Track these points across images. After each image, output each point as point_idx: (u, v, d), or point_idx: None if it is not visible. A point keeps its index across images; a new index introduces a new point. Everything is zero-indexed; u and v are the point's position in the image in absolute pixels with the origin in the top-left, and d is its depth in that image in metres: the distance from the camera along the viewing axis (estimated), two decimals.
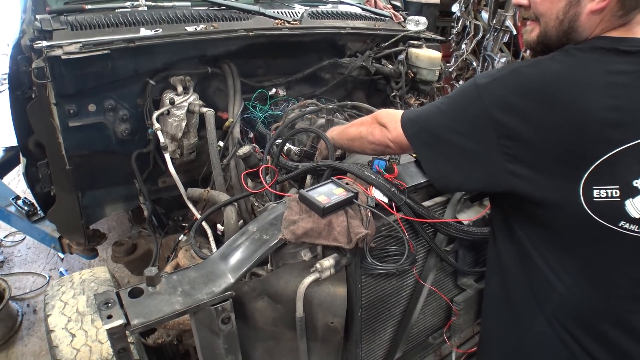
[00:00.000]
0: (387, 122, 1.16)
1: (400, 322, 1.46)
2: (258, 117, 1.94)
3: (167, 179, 2.02)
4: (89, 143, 1.75)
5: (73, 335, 1.49)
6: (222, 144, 1.77)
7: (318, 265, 1.09)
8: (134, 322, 0.93)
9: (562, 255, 0.96)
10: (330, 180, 1.22)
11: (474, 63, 4.86)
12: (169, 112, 1.74)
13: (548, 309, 1.01)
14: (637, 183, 0.85)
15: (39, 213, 2.40)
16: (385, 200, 1.19)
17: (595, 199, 0.86)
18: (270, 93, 2.05)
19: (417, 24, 2.49)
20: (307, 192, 1.16)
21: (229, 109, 1.86)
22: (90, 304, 1.59)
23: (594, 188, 0.86)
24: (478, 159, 0.96)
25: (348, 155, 1.61)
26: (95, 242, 2.16)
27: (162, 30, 1.72)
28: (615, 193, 0.85)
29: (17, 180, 3.86)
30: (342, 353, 1.28)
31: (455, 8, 4.93)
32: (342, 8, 2.40)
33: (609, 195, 0.85)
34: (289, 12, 2.11)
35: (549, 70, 0.89)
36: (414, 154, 1.40)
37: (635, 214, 0.86)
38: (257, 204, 1.62)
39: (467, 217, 1.34)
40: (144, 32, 1.70)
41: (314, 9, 2.19)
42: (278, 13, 2.06)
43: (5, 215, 2.58)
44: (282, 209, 1.18)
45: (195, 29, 1.78)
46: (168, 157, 1.72)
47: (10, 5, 2.38)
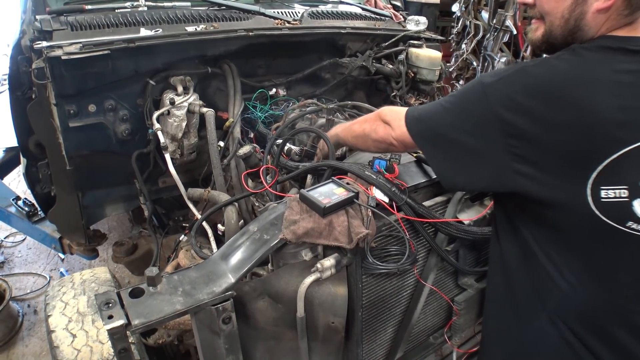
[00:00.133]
0: (390, 119, 1.15)
1: (401, 321, 1.46)
2: (258, 117, 1.94)
3: (167, 179, 2.02)
4: (89, 143, 1.75)
5: (74, 336, 1.49)
6: (222, 144, 1.77)
7: (319, 265, 1.09)
8: (135, 322, 0.93)
9: (567, 255, 0.96)
10: (331, 180, 1.22)
11: (474, 63, 4.86)
12: (169, 112, 1.74)
13: (552, 308, 1.00)
14: None
15: (40, 213, 2.40)
16: (386, 200, 1.19)
17: (603, 199, 0.86)
18: (271, 93, 2.05)
19: (417, 24, 2.49)
20: (307, 192, 1.16)
21: (229, 109, 1.86)
22: (91, 305, 1.59)
23: (602, 188, 0.85)
24: (484, 158, 0.95)
25: (348, 155, 1.61)
26: (96, 242, 2.16)
27: (162, 31, 1.72)
28: (623, 193, 0.85)
29: (17, 181, 3.86)
30: (343, 353, 1.28)
31: (456, 8, 4.93)
32: (342, 8, 2.40)
33: (617, 196, 0.85)
34: (289, 12, 2.11)
35: (556, 70, 0.89)
36: (415, 154, 1.41)
37: None
38: (257, 204, 1.62)
39: (467, 216, 1.34)
40: (144, 32, 1.70)
41: (314, 9, 2.19)
42: (278, 13, 2.06)
43: (6, 216, 2.58)
44: (282, 209, 1.18)
45: (196, 29, 1.78)
46: (168, 157, 1.72)
47: (10, 6, 2.38)
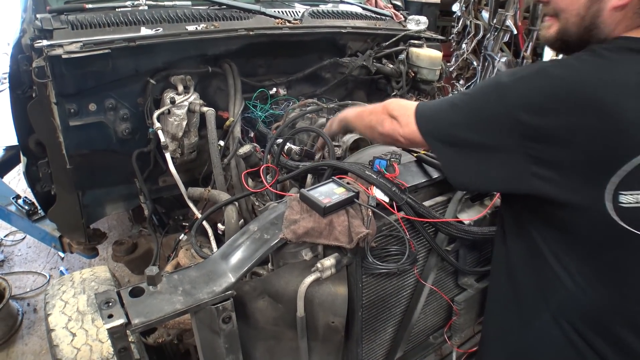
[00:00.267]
0: (398, 115, 1.11)
1: (401, 321, 1.46)
2: (259, 116, 1.94)
3: (167, 178, 2.02)
4: (90, 142, 1.75)
5: (73, 335, 1.49)
6: (222, 143, 1.77)
7: (319, 265, 1.09)
8: (135, 321, 0.93)
9: (577, 256, 0.94)
10: (331, 180, 1.22)
11: (475, 62, 4.86)
12: (170, 111, 1.74)
13: (556, 308, 0.99)
14: None
15: (40, 212, 2.40)
16: (386, 200, 1.19)
17: (622, 204, 0.84)
18: (271, 92, 2.05)
19: (417, 24, 2.49)
20: (308, 191, 1.16)
21: (230, 108, 1.86)
22: (91, 303, 1.59)
23: (621, 193, 0.83)
24: (498, 160, 0.93)
25: (348, 155, 1.61)
26: (96, 241, 2.16)
27: (162, 30, 1.72)
28: None
29: (17, 180, 3.86)
30: (342, 352, 1.28)
31: (456, 7, 4.93)
32: (342, 7, 2.39)
33: (637, 201, 0.83)
34: (290, 11, 2.11)
35: (579, 72, 0.86)
36: (415, 153, 1.41)
37: None
38: (257, 204, 1.62)
39: (468, 216, 1.34)
40: (145, 31, 1.70)
41: (315, 9, 2.19)
42: (279, 12, 2.05)
43: (6, 215, 2.59)
44: (283, 209, 1.18)
45: (196, 28, 1.78)
46: (169, 156, 1.72)
47: (11, 5, 2.38)
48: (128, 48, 1.61)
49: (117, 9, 1.78)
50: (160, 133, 1.70)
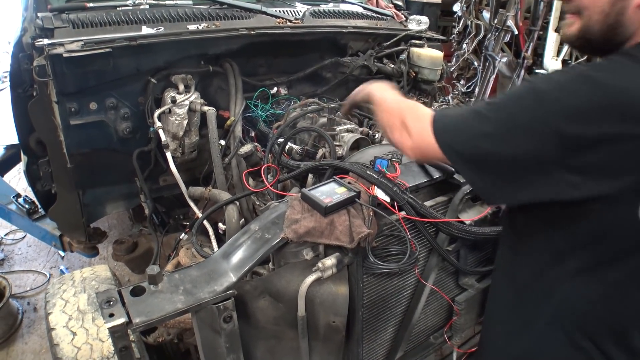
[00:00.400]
0: (411, 125, 1.00)
1: (402, 321, 1.46)
2: (259, 115, 1.94)
3: (168, 178, 2.01)
4: (90, 141, 1.75)
5: (74, 334, 1.49)
6: (223, 143, 1.77)
7: (320, 265, 1.09)
8: (136, 320, 0.93)
9: (594, 262, 0.92)
10: (333, 180, 1.22)
11: (475, 63, 4.85)
12: (171, 110, 1.74)
13: (567, 314, 0.98)
14: None
15: (40, 211, 2.40)
16: (388, 200, 1.19)
17: None
18: (272, 92, 2.05)
19: (418, 24, 2.49)
20: (309, 191, 1.16)
21: (231, 108, 1.86)
22: (91, 302, 1.59)
23: None
24: (533, 171, 0.87)
25: (349, 155, 1.61)
26: (96, 240, 2.16)
27: (163, 29, 1.72)
28: None
29: (18, 178, 3.85)
30: (343, 352, 1.28)
31: (457, 7, 4.93)
32: (343, 7, 2.39)
33: None
34: (291, 10, 2.11)
35: (623, 78, 0.81)
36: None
37: None
38: (258, 203, 1.62)
39: (468, 216, 1.33)
40: (146, 30, 1.70)
41: (316, 8, 2.19)
42: (280, 12, 2.05)
43: (6, 213, 2.58)
44: (284, 208, 1.18)
45: (197, 28, 1.78)
46: (169, 155, 1.72)
47: (12, 3, 2.38)
48: (129, 47, 1.61)
49: (118, 8, 1.78)
50: (161, 132, 1.70)
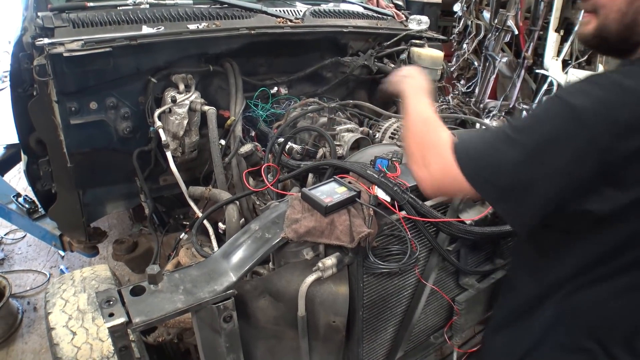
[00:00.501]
0: (432, 161, 0.93)
1: (402, 321, 1.45)
2: (260, 115, 1.94)
3: (168, 177, 2.01)
4: (91, 141, 1.75)
5: (74, 333, 1.49)
6: (223, 142, 1.77)
7: (320, 264, 1.09)
8: (136, 320, 0.92)
9: (617, 272, 0.91)
10: (333, 179, 1.22)
11: (475, 63, 4.85)
12: (171, 110, 1.74)
13: (581, 322, 0.97)
14: None
15: (40, 211, 2.40)
16: (388, 199, 1.19)
17: None
18: (272, 91, 2.05)
19: (419, 23, 2.49)
20: (309, 190, 1.16)
21: (231, 107, 1.86)
22: (91, 302, 1.59)
23: None
24: (569, 191, 0.82)
25: (349, 155, 1.61)
26: (96, 240, 2.16)
27: (164, 28, 1.72)
28: None
29: (18, 178, 3.85)
30: (343, 352, 1.28)
31: (457, 7, 4.92)
32: (344, 7, 2.39)
33: None
34: (291, 10, 2.11)
35: None
36: None
37: None
38: (258, 203, 1.62)
39: (469, 216, 1.33)
40: (146, 29, 1.69)
41: (316, 8, 2.18)
42: (280, 11, 2.05)
43: (6, 213, 2.58)
44: (284, 208, 1.18)
45: (197, 27, 1.78)
46: (169, 155, 1.72)
47: (12, 3, 2.38)
48: (129, 46, 1.61)
49: (118, 8, 1.78)
50: (161, 132, 1.70)
